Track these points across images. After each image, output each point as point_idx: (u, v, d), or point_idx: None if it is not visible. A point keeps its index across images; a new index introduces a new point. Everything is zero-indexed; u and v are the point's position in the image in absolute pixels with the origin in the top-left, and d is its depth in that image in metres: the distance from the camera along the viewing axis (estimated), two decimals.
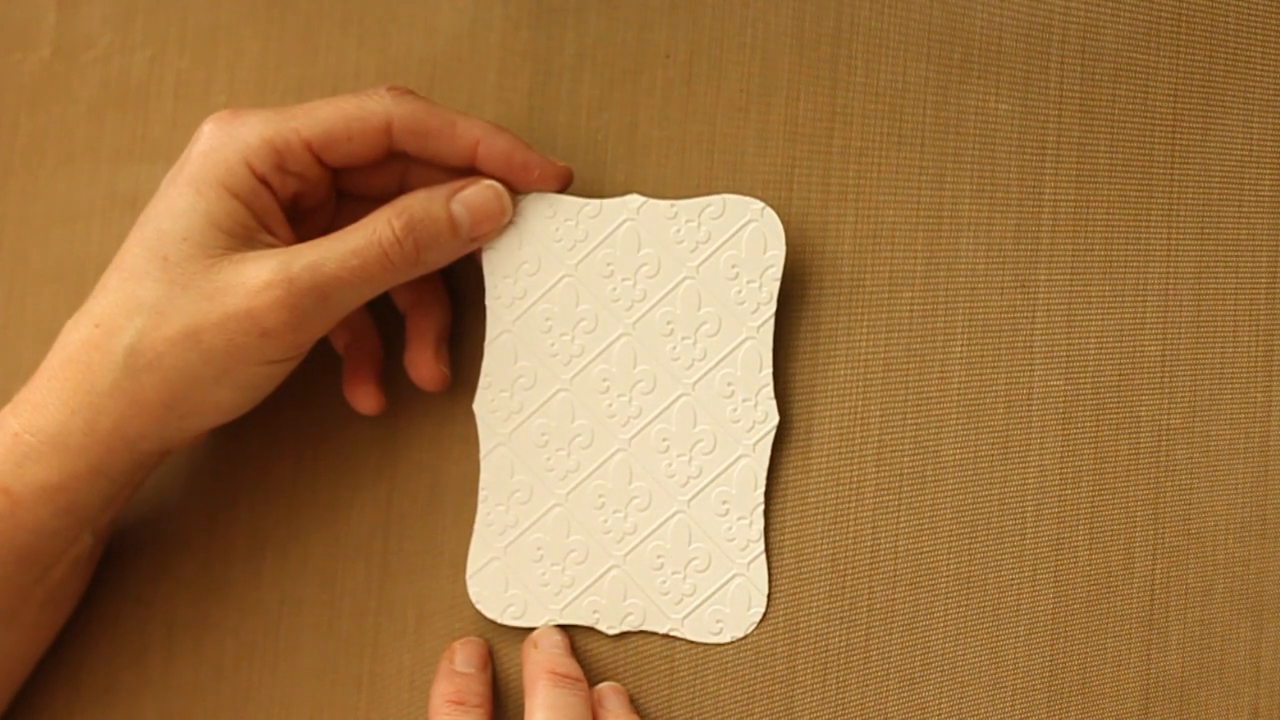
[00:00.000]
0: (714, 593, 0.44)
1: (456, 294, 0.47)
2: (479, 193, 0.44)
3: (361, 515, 0.47)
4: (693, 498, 0.44)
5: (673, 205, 0.44)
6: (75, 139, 0.52)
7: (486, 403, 0.45)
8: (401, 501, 0.47)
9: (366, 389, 0.46)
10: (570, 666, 0.43)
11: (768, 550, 0.44)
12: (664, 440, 0.44)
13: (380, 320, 0.48)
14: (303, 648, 0.47)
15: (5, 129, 0.53)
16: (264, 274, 0.41)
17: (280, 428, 0.48)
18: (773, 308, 0.43)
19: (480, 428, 0.45)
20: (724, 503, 0.44)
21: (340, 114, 0.43)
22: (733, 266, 0.44)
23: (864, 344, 0.44)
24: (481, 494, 0.45)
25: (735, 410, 0.44)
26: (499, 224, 0.44)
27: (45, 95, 0.53)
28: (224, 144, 0.42)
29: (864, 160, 0.44)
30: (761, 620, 0.43)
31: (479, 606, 0.45)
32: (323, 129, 0.43)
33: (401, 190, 0.45)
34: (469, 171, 0.45)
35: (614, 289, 0.44)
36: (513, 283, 0.45)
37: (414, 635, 0.46)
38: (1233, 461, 0.41)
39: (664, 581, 0.44)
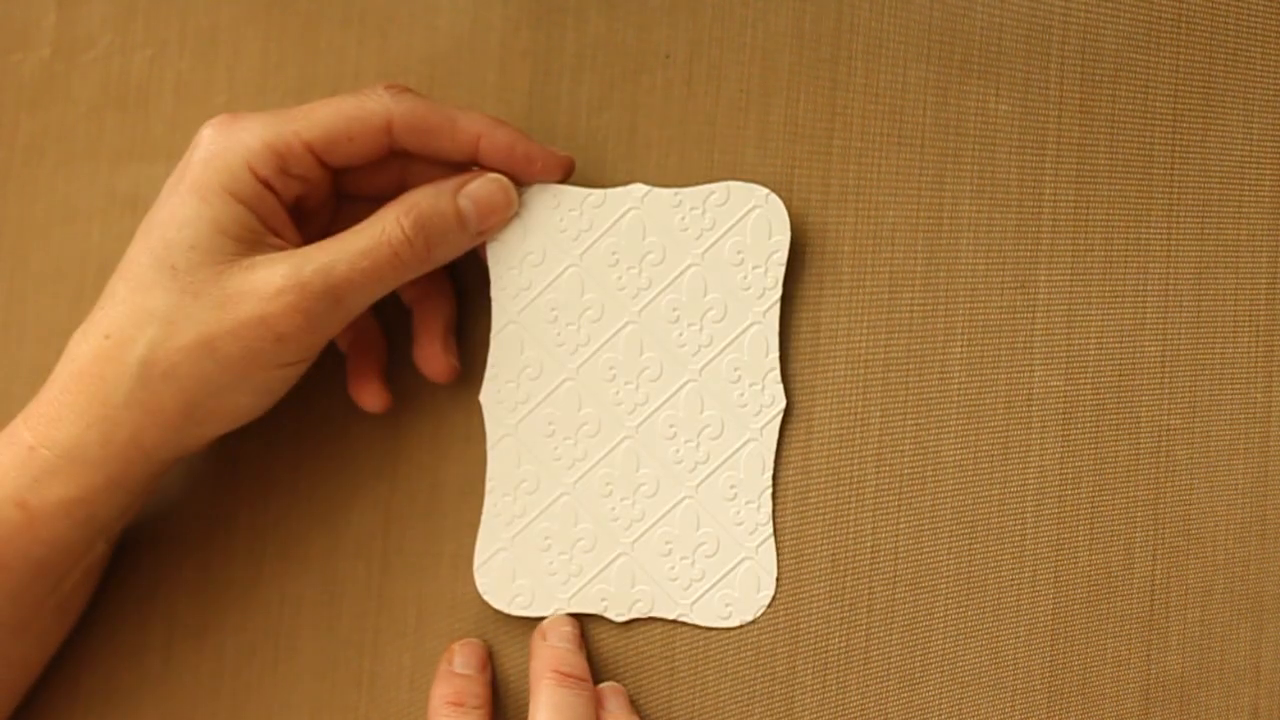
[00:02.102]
0: (723, 577, 0.43)
1: (460, 287, 0.47)
2: (484, 186, 0.44)
3: (361, 515, 0.47)
4: (700, 483, 0.44)
5: (677, 193, 0.44)
6: (75, 139, 0.52)
7: (493, 393, 0.45)
8: (401, 501, 0.47)
9: (372, 387, 0.46)
10: (576, 665, 0.43)
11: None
12: (671, 426, 0.44)
13: (382, 317, 0.47)
14: (303, 648, 0.47)
15: (5, 129, 0.53)
16: (276, 280, 0.41)
17: (280, 428, 0.48)
18: (778, 293, 0.43)
19: (487, 418, 0.45)
20: (731, 487, 0.44)
21: (340, 115, 0.43)
22: (738, 253, 0.44)
23: (864, 344, 0.44)
24: (489, 485, 0.45)
25: (742, 395, 0.44)
26: (505, 216, 0.45)
27: (45, 95, 0.53)
28: (225, 149, 0.42)
29: (864, 160, 0.44)
30: (770, 604, 0.43)
31: (486, 597, 0.45)
32: (323, 130, 0.43)
33: (401, 189, 0.45)
34: (470, 166, 0.45)
35: (619, 277, 0.44)
36: (518, 274, 0.45)
37: (414, 635, 0.46)
38: (1233, 461, 0.41)
39: (672, 567, 0.44)
